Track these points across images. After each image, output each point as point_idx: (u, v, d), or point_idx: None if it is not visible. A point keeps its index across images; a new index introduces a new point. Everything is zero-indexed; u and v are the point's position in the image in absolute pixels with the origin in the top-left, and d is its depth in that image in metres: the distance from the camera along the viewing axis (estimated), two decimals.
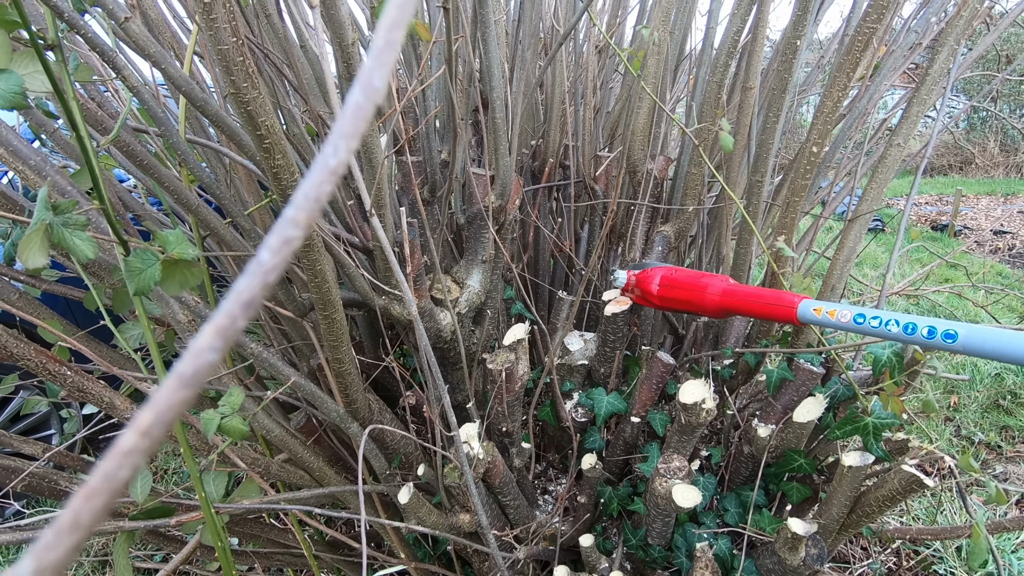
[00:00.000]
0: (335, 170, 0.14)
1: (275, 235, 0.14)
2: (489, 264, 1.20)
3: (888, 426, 0.91)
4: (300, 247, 0.83)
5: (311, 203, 0.14)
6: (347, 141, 0.14)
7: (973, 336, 0.67)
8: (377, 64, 0.14)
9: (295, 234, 0.14)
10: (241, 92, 0.69)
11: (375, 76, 0.14)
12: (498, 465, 1.05)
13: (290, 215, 0.14)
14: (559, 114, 1.51)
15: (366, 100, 0.14)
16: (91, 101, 0.84)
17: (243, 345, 0.88)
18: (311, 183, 0.14)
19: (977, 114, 7.70)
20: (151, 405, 0.14)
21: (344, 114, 0.14)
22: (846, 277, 1.08)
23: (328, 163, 0.14)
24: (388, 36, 0.15)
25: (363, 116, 0.14)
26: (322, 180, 0.14)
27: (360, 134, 0.14)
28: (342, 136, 0.14)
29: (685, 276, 1.03)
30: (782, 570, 0.93)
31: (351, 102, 0.14)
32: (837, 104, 0.96)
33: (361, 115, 0.14)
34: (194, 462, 0.72)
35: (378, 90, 0.15)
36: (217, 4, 0.63)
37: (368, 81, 0.14)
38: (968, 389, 2.79)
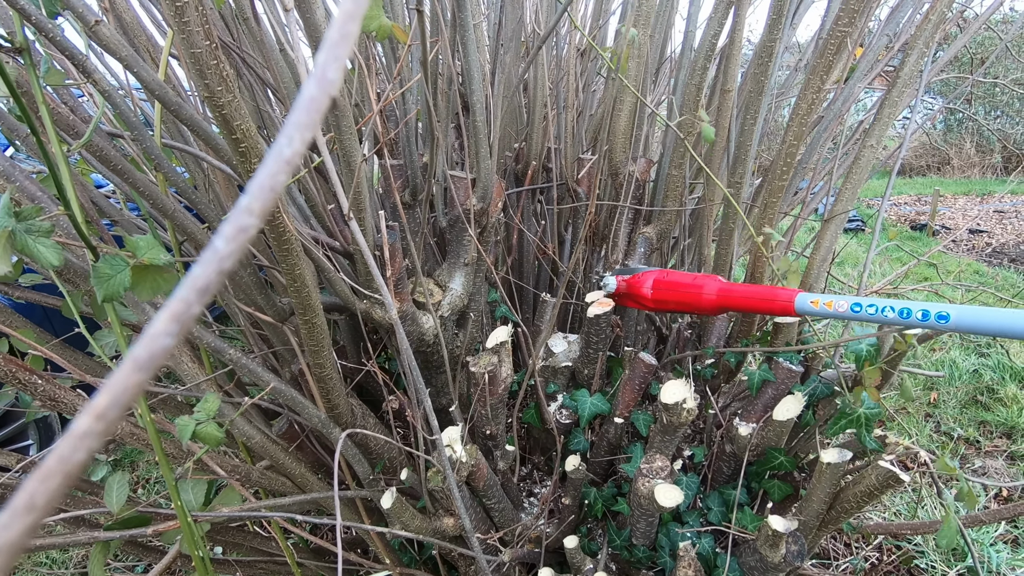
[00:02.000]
0: (290, 160, 0.14)
1: (231, 223, 0.14)
2: (472, 267, 1.20)
3: (876, 417, 0.92)
4: (278, 251, 0.82)
5: (266, 192, 0.14)
6: (302, 132, 0.14)
7: (963, 316, 0.73)
8: (331, 57, 0.14)
9: (250, 222, 0.14)
10: (215, 96, 0.68)
11: (329, 69, 0.15)
12: (482, 468, 1.04)
13: (245, 204, 0.14)
14: (541, 117, 1.52)
15: (320, 92, 0.14)
16: (63, 105, 0.82)
17: (221, 351, 0.87)
18: (266, 173, 0.14)
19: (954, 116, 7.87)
20: (107, 388, 0.14)
21: (299, 105, 0.14)
22: (824, 275, 1.10)
23: (283, 153, 0.14)
24: (343, 29, 0.15)
25: (317, 107, 0.14)
26: (277, 170, 0.14)
27: (315, 124, 0.14)
28: (297, 127, 0.14)
29: (678, 278, 1.06)
30: (764, 567, 0.94)
31: (305, 94, 0.15)
32: (812, 106, 0.98)
33: (315, 106, 0.14)
34: (170, 470, 0.71)
35: (332, 82, 0.15)
36: (190, 7, 0.62)
37: (322, 73, 0.14)
38: (947, 385, 2.84)
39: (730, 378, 1.25)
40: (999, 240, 4.97)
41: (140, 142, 0.77)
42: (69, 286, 0.84)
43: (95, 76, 0.64)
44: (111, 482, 0.74)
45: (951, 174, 7.85)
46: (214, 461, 0.91)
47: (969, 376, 2.88)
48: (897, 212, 6.14)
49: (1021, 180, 6.62)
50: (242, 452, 1.08)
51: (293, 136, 0.14)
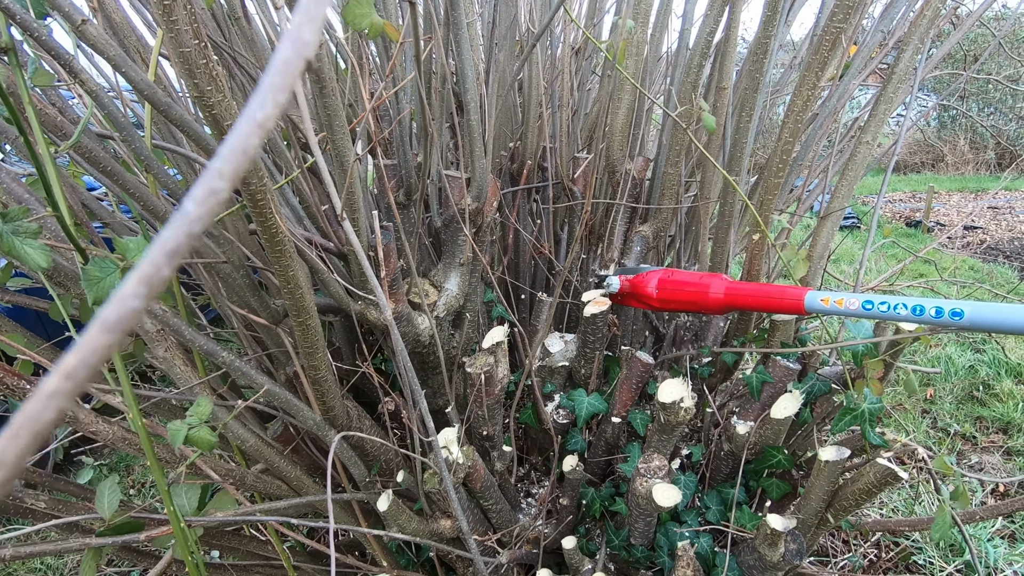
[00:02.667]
0: (262, 123, 0.13)
1: (200, 186, 0.13)
2: (467, 267, 1.19)
3: (879, 412, 0.92)
4: (271, 252, 0.81)
5: (237, 155, 0.13)
6: (275, 94, 0.14)
7: (978, 312, 0.72)
8: (306, 18, 0.14)
9: (221, 186, 0.13)
10: (205, 95, 0.67)
11: (304, 30, 0.14)
12: (479, 469, 1.04)
13: (216, 167, 0.13)
14: (536, 116, 1.51)
15: (295, 54, 0.14)
16: (51, 106, 0.81)
17: (214, 354, 0.86)
18: (238, 136, 0.13)
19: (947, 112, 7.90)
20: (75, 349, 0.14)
21: (272, 67, 0.14)
22: (821, 271, 1.10)
23: (255, 116, 0.13)
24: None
25: (292, 70, 0.14)
26: (249, 133, 0.13)
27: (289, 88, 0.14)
28: (270, 89, 0.14)
29: (684, 277, 1.04)
30: (762, 566, 0.94)
31: (279, 55, 0.14)
32: (807, 103, 0.97)
33: (290, 69, 0.14)
34: (162, 475, 0.70)
35: (308, 43, 0.14)
36: (178, 6, 0.62)
37: (297, 35, 0.14)
38: (943, 382, 2.85)
39: (727, 376, 1.25)
40: (994, 236, 4.99)
41: (130, 143, 0.76)
42: (60, 289, 0.83)
43: (82, 76, 0.63)
44: (102, 488, 0.73)
45: (945, 171, 7.89)
46: (208, 465, 0.90)
47: (965, 372, 2.89)
48: (892, 209, 6.16)
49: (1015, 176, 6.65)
50: (237, 456, 1.08)
51: (266, 99, 0.13)
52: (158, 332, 0.86)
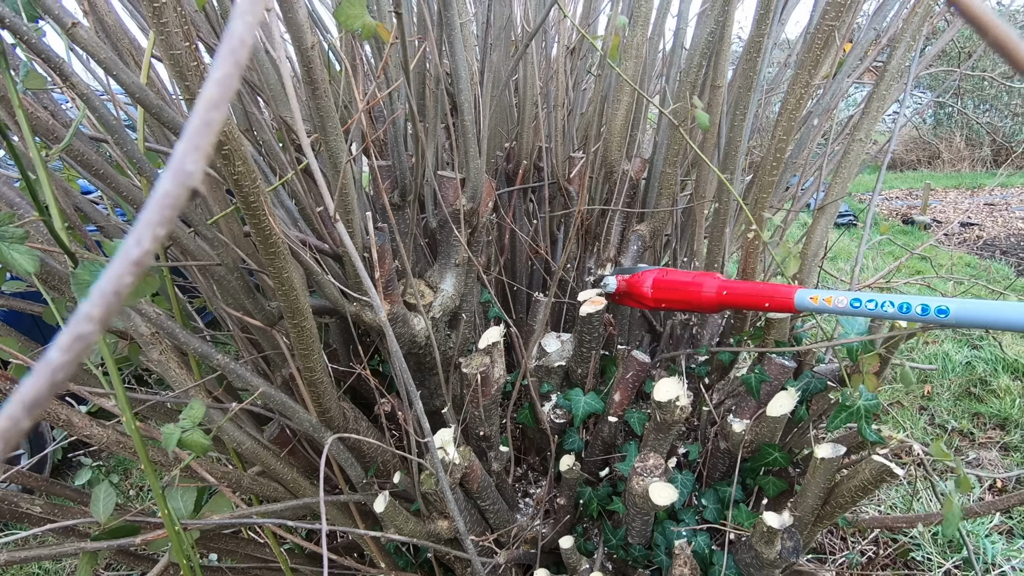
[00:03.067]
0: (138, 261, 0.13)
1: (68, 333, 0.13)
2: (463, 268, 1.19)
3: (875, 408, 0.92)
4: (265, 255, 0.81)
5: (109, 298, 0.13)
6: (153, 230, 0.13)
7: (963, 309, 0.73)
8: (191, 147, 0.13)
9: (90, 330, 0.13)
10: (196, 97, 0.67)
11: (188, 160, 0.13)
12: (475, 470, 1.04)
13: (85, 311, 0.13)
14: (531, 116, 1.51)
15: (176, 186, 0.13)
16: (42, 110, 0.81)
17: (209, 356, 0.86)
18: (110, 277, 0.13)
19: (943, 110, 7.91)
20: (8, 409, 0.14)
21: (152, 202, 0.13)
22: (815, 269, 1.10)
23: (131, 254, 0.13)
24: (206, 116, 0.14)
25: (172, 204, 0.13)
26: (123, 273, 0.13)
27: (170, 221, 0.13)
28: (148, 225, 0.13)
29: (678, 277, 1.06)
30: (759, 564, 0.94)
31: (160, 189, 0.13)
32: (800, 101, 0.97)
33: (170, 202, 0.13)
34: (156, 478, 0.70)
35: (191, 174, 0.14)
36: (168, 8, 0.62)
37: (180, 166, 0.13)
38: (941, 378, 2.86)
39: (724, 375, 1.25)
40: (990, 233, 5.00)
41: (122, 146, 0.76)
42: (54, 293, 0.83)
43: (73, 80, 0.63)
44: (97, 492, 0.73)
45: (941, 168, 7.90)
46: (204, 468, 0.90)
47: (962, 368, 2.90)
48: (888, 206, 6.18)
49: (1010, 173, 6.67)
50: (233, 458, 1.07)
51: (143, 236, 0.13)
52: (152, 335, 0.86)
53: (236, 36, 0.14)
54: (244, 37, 0.13)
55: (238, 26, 0.14)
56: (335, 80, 1.30)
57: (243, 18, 0.14)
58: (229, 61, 0.14)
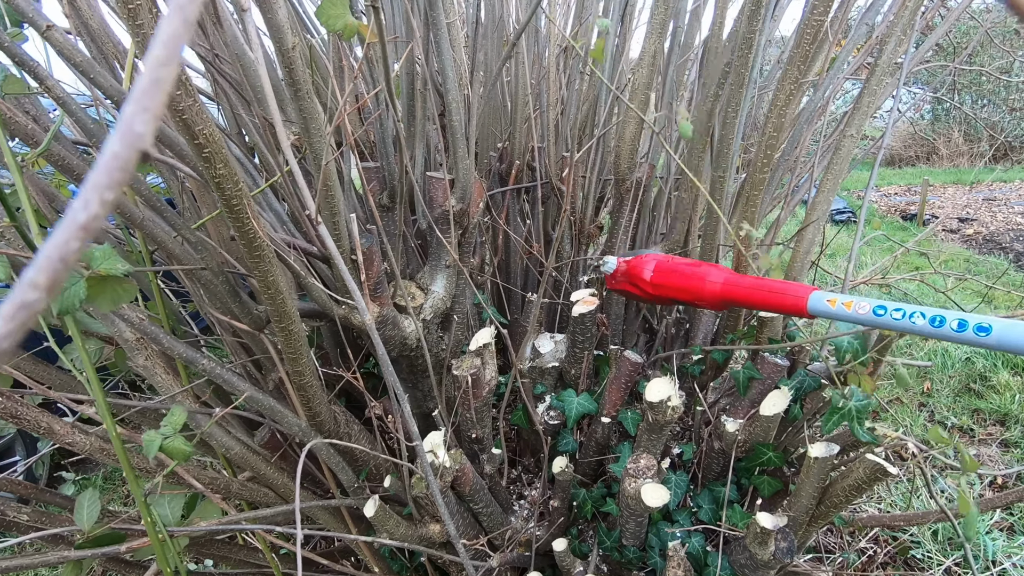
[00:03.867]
0: (85, 226, 0.12)
1: (11, 301, 0.12)
2: (453, 269, 1.18)
3: (867, 409, 0.91)
4: (250, 258, 0.80)
5: (55, 264, 0.12)
6: (101, 193, 0.12)
7: (1010, 331, 0.60)
8: (140, 107, 0.13)
9: (35, 297, 0.12)
10: (175, 100, 0.66)
11: (137, 121, 0.13)
12: (467, 473, 1.03)
13: (30, 277, 0.12)
14: (524, 116, 1.51)
15: (126, 148, 0.13)
16: (24, 114, 0.80)
17: (194, 361, 0.85)
18: (56, 242, 0.12)
19: (941, 105, 7.90)
20: None
21: (99, 164, 0.13)
22: (808, 266, 1.09)
23: (77, 218, 0.12)
24: (154, 75, 0.13)
25: (121, 166, 0.13)
26: (69, 238, 0.12)
27: (119, 184, 0.13)
28: (95, 188, 0.12)
29: (682, 263, 0.97)
30: (754, 565, 0.93)
31: (108, 151, 0.13)
32: (790, 97, 0.97)
33: (119, 165, 0.13)
34: (138, 485, 0.69)
35: (141, 136, 0.13)
36: (143, 10, 0.61)
37: (129, 128, 0.13)
38: (940, 374, 2.84)
39: (718, 374, 1.24)
40: (989, 228, 4.99)
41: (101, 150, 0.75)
42: None
43: (48, 83, 0.62)
44: (81, 499, 0.72)
45: (940, 164, 7.89)
46: (191, 474, 0.89)
47: (962, 364, 2.88)
48: (887, 203, 6.16)
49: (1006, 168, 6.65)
50: (223, 464, 1.06)
51: (91, 199, 0.12)
52: (137, 340, 0.85)
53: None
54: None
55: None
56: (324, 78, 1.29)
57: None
58: (177, 18, 0.13)
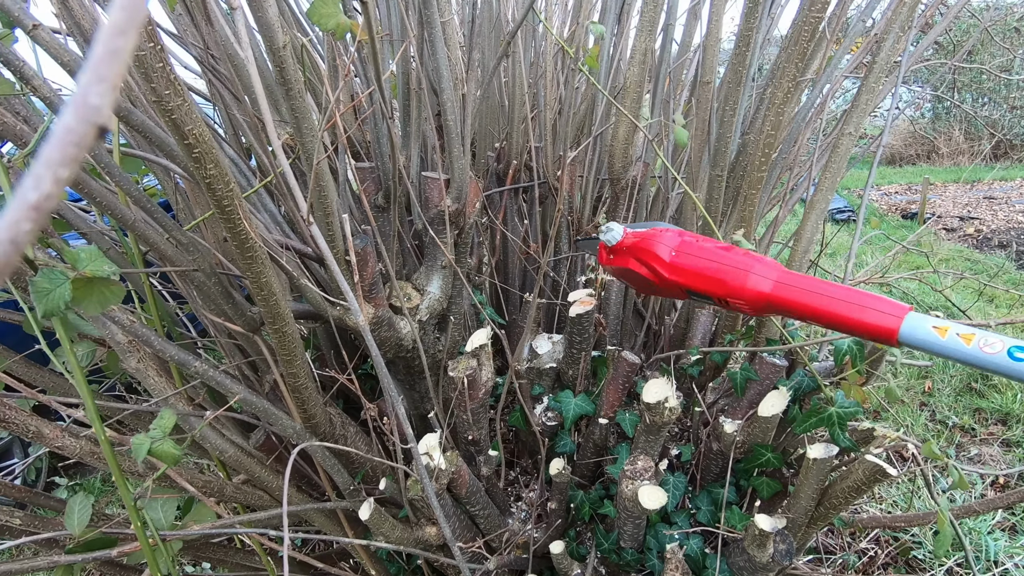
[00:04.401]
0: (38, 205, 0.11)
1: None
2: (449, 269, 1.17)
3: (852, 415, 0.91)
4: (242, 259, 0.79)
5: (4, 248, 0.11)
6: (55, 171, 0.12)
7: None
8: (95, 78, 0.12)
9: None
10: (163, 100, 0.65)
11: (92, 93, 0.12)
12: (463, 475, 1.02)
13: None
14: (521, 117, 1.50)
15: (81, 123, 0.12)
16: (13, 115, 0.80)
17: (186, 363, 0.84)
18: (7, 222, 0.11)
19: (941, 104, 7.88)
20: None
21: (53, 139, 0.12)
22: (806, 264, 1.08)
23: (28, 198, 0.11)
24: (110, 44, 0.12)
25: (75, 141, 0.12)
26: (20, 219, 0.11)
27: (74, 161, 0.12)
28: (48, 165, 0.11)
29: (715, 246, 0.72)
30: (752, 567, 0.92)
31: (62, 125, 0.12)
32: (787, 95, 0.96)
33: (73, 140, 0.12)
34: (127, 489, 0.69)
35: (97, 109, 0.12)
36: None
37: (84, 100, 0.12)
38: (942, 373, 2.83)
39: (716, 375, 1.23)
40: (990, 227, 4.97)
41: (92, 150, 0.74)
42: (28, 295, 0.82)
43: (35, 83, 0.61)
44: (72, 504, 0.72)
45: (940, 162, 7.87)
46: (184, 477, 0.89)
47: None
48: (888, 202, 6.15)
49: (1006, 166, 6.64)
50: (217, 467, 1.06)
51: (43, 176, 0.11)
52: (130, 343, 0.84)
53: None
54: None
55: None
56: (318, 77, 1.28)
57: None
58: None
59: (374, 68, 0.79)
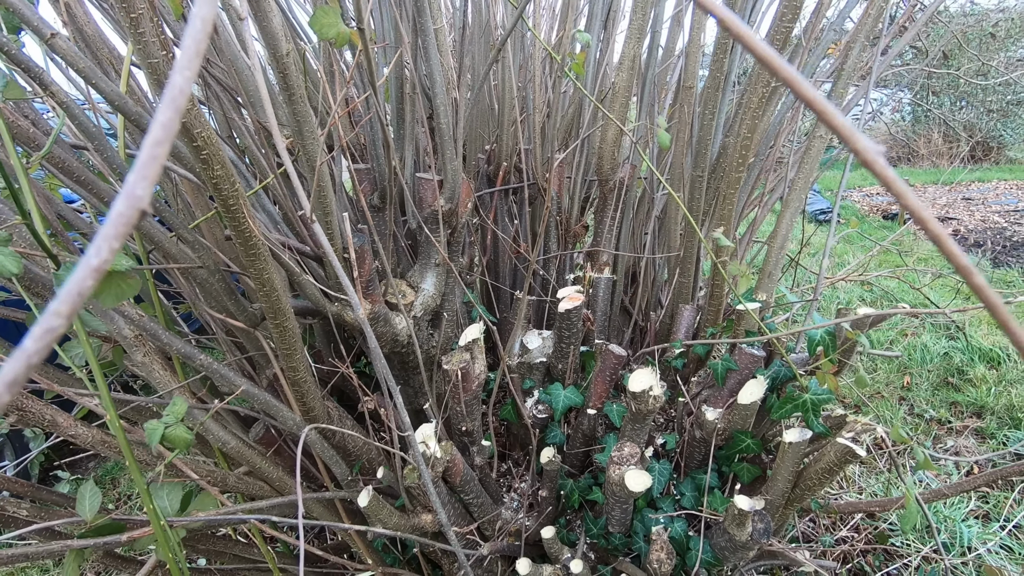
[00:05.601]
0: (98, 268, 0.16)
1: (40, 326, 0.15)
2: (443, 267, 1.22)
3: (825, 402, 0.96)
4: (246, 257, 0.83)
5: (74, 297, 0.15)
6: (110, 243, 0.16)
7: None
8: (140, 176, 0.16)
9: (59, 323, 0.15)
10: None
11: (138, 186, 0.16)
12: (457, 464, 1.06)
13: (54, 307, 0.15)
14: (511, 120, 1.55)
15: (129, 208, 0.16)
16: (24, 118, 0.83)
17: (192, 356, 0.88)
18: (75, 280, 0.15)
19: (921, 107, 8.06)
20: None
21: (108, 220, 0.16)
22: (782, 262, 1.14)
23: (91, 262, 0.16)
24: (152, 151, 0.16)
25: (125, 222, 0.16)
26: (85, 277, 0.15)
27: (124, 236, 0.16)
28: (106, 239, 0.16)
29: None
30: (733, 546, 0.97)
31: (115, 209, 0.16)
32: (762, 101, 1.01)
33: (125, 221, 0.16)
34: (140, 474, 0.72)
35: (141, 198, 0.16)
36: (144, 19, 0.64)
37: (131, 191, 0.16)
38: (919, 368, 2.92)
39: (700, 366, 1.29)
40: (967, 227, 5.11)
41: (102, 152, 0.78)
42: (37, 299, 0.85)
43: (53, 89, 0.65)
44: (83, 490, 0.75)
45: (920, 164, 8.05)
46: (189, 467, 0.92)
47: (940, 359, 2.96)
48: (870, 203, 6.28)
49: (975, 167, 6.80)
50: (218, 459, 1.09)
51: (102, 247, 0.15)
52: (136, 338, 0.87)
53: (176, 87, 0.16)
54: (183, 88, 0.16)
55: (177, 79, 0.16)
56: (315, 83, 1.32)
57: (182, 73, 0.16)
58: (170, 108, 0.17)
59: (369, 76, 0.84)
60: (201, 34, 0.17)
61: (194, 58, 0.16)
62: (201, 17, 0.17)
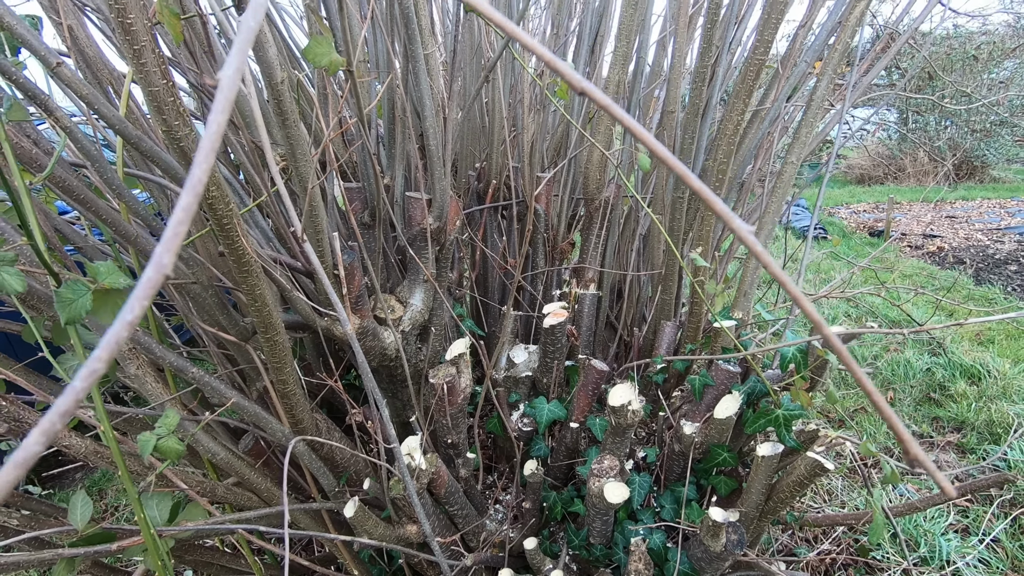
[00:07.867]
0: (132, 322, 0.19)
1: (86, 368, 0.18)
2: (431, 283, 1.25)
3: (796, 417, 1.00)
4: (238, 273, 0.86)
5: (113, 345, 0.18)
6: (140, 302, 0.19)
7: None
8: (165, 248, 0.19)
9: (100, 367, 0.18)
10: (173, 130, 0.73)
11: (163, 256, 0.20)
12: (442, 475, 1.09)
13: (96, 354, 0.18)
14: (500, 139, 1.59)
15: (156, 274, 0.19)
16: (26, 138, 0.86)
17: (184, 370, 0.91)
18: (113, 332, 0.18)
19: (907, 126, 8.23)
20: None
21: (140, 283, 0.19)
22: (757, 281, 1.18)
23: (126, 318, 0.19)
24: (175, 230, 0.20)
25: (152, 285, 0.19)
26: (122, 329, 0.18)
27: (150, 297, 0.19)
28: (137, 299, 0.19)
29: None
30: (709, 557, 1.00)
31: (144, 276, 0.19)
32: (737, 127, 1.06)
33: (151, 284, 0.19)
34: (132, 483, 0.74)
35: (165, 265, 0.19)
36: (146, 50, 0.68)
37: (159, 260, 0.19)
38: (902, 384, 2.97)
39: (680, 382, 1.32)
40: (951, 244, 5.21)
41: (102, 173, 0.81)
42: (32, 312, 0.87)
43: (57, 114, 0.68)
44: (75, 500, 0.77)
45: (907, 182, 8.20)
46: (178, 477, 0.94)
47: (923, 374, 3.02)
48: (856, 220, 6.39)
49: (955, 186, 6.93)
50: (208, 470, 1.11)
51: (133, 306, 0.19)
52: (129, 350, 0.90)
53: (195, 177, 0.20)
54: (202, 178, 0.20)
55: (196, 172, 0.20)
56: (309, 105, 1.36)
57: (200, 167, 0.20)
58: (191, 194, 0.20)
59: (358, 110, 0.88)
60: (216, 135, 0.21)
61: (210, 154, 0.20)
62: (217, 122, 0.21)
